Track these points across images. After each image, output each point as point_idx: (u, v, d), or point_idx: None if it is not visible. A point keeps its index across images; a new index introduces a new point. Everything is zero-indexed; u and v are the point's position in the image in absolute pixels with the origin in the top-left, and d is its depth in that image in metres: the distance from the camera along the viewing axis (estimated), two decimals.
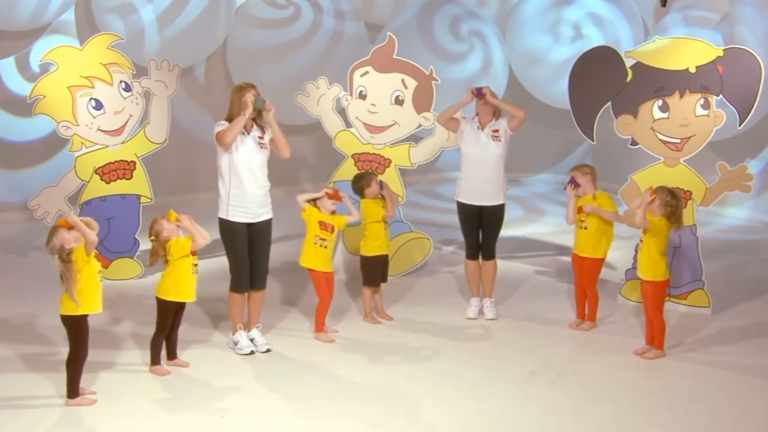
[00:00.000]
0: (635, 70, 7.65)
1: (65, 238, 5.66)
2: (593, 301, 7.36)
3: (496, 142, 7.36)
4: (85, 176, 8.14)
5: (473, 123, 7.46)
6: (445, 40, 11.50)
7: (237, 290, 6.78)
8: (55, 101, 7.99)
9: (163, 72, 8.32)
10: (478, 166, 7.42)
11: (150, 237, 6.33)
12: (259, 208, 6.69)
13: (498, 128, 7.39)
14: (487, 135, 7.39)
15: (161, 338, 6.41)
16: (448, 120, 7.58)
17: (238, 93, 6.63)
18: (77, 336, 5.80)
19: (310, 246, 7.01)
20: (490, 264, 7.60)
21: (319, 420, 5.78)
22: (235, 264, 6.75)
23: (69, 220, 5.68)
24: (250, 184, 6.61)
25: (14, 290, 8.05)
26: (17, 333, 7.08)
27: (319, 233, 6.97)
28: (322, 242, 6.98)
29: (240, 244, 6.69)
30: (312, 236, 6.99)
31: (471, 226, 7.56)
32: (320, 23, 11.17)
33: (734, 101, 7.38)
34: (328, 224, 6.98)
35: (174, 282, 6.32)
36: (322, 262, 7.04)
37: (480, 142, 7.40)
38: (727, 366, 6.68)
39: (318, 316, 7.10)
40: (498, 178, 7.42)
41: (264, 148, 6.67)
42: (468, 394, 6.17)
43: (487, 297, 7.65)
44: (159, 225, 6.30)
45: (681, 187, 7.47)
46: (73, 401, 5.84)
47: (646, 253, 6.66)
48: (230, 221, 6.64)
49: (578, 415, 5.89)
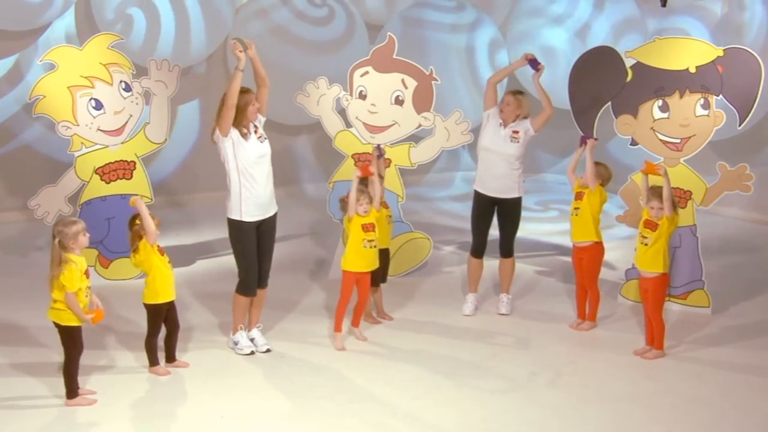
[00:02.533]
0: (635, 70, 7.66)
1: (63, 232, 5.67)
2: (594, 300, 7.36)
3: (514, 143, 7.40)
4: (85, 176, 8.13)
5: (497, 118, 7.47)
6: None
7: (245, 293, 6.74)
8: (55, 101, 7.98)
9: (163, 72, 8.32)
10: (492, 162, 7.45)
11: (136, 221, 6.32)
12: (269, 200, 6.67)
13: (518, 129, 7.42)
14: (507, 134, 7.41)
15: (154, 339, 6.40)
16: (494, 85, 7.60)
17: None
18: (70, 339, 5.78)
19: (358, 250, 6.90)
20: (509, 262, 7.65)
21: (319, 420, 5.78)
22: (244, 267, 6.70)
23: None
24: (260, 182, 6.57)
25: (14, 290, 8.05)
26: (17, 333, 7.08)
27: (365, 236, 6.91)
28: (370, 243, 6.94)
29: (250, 246, 6.65)
30: (359, 241, 6.90)
31: (483, 218, 7.57)
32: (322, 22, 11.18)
33: (734, 101, 7.38)
34: (369, 225, 6.94)
35: (152, 284, 6.31)
36: (368, 263, 6.97)
37: (498, 138, 7.42)
38: (727, 366, 6.68)
39: (336, 316, 7.04)
40: (513, 175, 7.46)
41: (265, 140, 6.66)
42: (468, 394, 6.17)
43: (504, 292, 7.70)
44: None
45: (681, 187, 7.48)
46: (72, 401, 5.84)
47: (654, 247, 6.65)
48: (243, 222, 6.59)
49: (578, 415, 5.89)
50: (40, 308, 7.27)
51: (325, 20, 11.31)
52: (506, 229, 7.59)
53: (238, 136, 6.52)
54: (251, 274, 6.70)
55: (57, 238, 5.69)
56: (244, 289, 6.73)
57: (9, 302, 7.74)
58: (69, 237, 5.69)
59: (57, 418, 5.73)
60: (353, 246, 6.91)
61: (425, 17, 11.64)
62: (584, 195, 7.19)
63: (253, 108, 6.56)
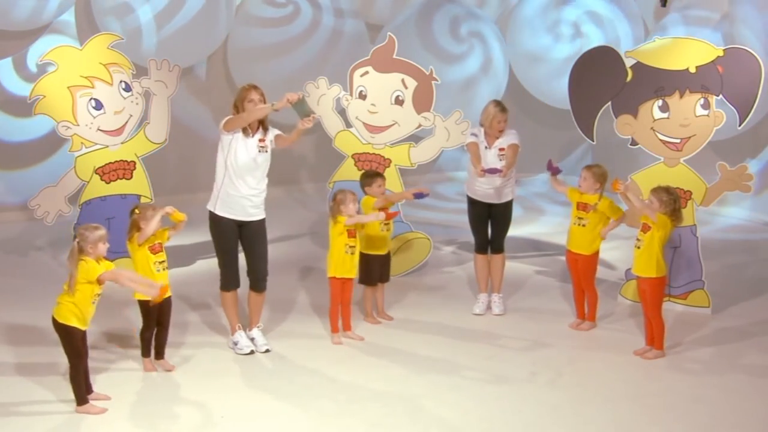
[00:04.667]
0: (635, 70, 7.65)
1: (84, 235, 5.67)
2: (592, 301, 7.36)
3: (503, 160, 7.42)
4: (85, 176, 8.13)
5: (482, 143, 7.49)
6: (445, 41, 11.50)
7: (226, 288, 6.78)
8: (55, 101, 7.98)
9: (163, 72, 8.32)
10: (484, 178, 7.50)
11: (135, 210, 6.31)
12: (252, 208, 6.66)
13: (503, 146, 7.44)
14: (494, 154, 7.44)
15: (146, 333, 6.39)
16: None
17: (242, 93, 6.62)
18: (69, 344, 5.74)
19: (340, 255, 6.90)
20: (499, 258, 7.67)
21: (319, 420, 5.78)
22: (221, 260, 6.74)
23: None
24: (243, 186, 6.57)
25: (14, 291, 8.05)
26: (17, 334, 7.08)
27: (348, 241, 6.91)
28: (351, 249, 6.94)
29: (227, 241, 6.67)
30: (342, 246, 6.89)
31: (480, 221, 7.65)
32: (320, 22, 11.17)
33: (734, 101, 7.38)
34: (353, 230, 6.93)
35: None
36: (350, 268, 6.98)
37: (487, 159, 7.46)
38: (727, 366, 6.68)
39: (331, 320, 7.07)
40: (505, 184, 7.51)
41: (264, 151, 6.65)
42: (468, 394, 6.17)
43: (495, 292, 7.71)
44: (150, 210, 6.30)
45: (681, 187, 7.48)
46: (81, 408, 5.78)
47: (646, 250, 6.65)
48: (217, 215, 6.63)
49: (578, 415, 5.89)
50: (40, 308, 7.29)
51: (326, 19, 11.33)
52: (498, 228, 7.65)
53: (241, 135, 6.53)
54: (229, 269, 6.72)
55: (77, 239, 5.68)
56: (224, 284, 6.77)
57: (9, 302, 7.74)
58: (89, 242, 5.64)
59: (58, 423, 5.71)
60: (336, 251, 6.92)
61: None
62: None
63: (251, 105, 6.54)
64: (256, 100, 6.56)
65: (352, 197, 6.91)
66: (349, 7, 11.59)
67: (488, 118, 7.44)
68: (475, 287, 7.92)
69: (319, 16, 11.27)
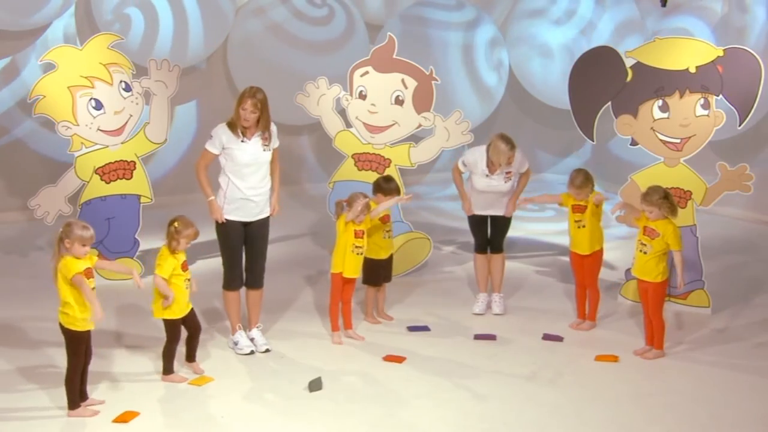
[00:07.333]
0: (635, 70, 7.65)
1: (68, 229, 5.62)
2: (594, 300, 7.36)
3: (508, 182, 7.52)
4: (85, 176, 8.13)
5: (481, 171, 7.51)
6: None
7: (229, 288, 6.80)
8: (55, 101, 7.98)
9: (163, 72, 8.32)
10: (486, 196, 7.57)
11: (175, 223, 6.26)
12: (256, 207, 6.69)
13: (511, 170, 7.50)
14: (500, 176, 7.50)
15: (171, 346, 6.30)
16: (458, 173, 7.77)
17: (239, 98, 6.59)
18: (74, 346, 5.72)
19: (347, 254, 6.89)
20: (498, 258, 7.70)
21: (318, 420, 5.78)
22: (227, 261, 6.76)
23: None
24: (248, 187, 6.61)
25: (14, 291, 8.05)
26: (18, 334, 7.08)
27: (355, 242, 6.91)
28: (358, 249, 6.94)
29: (234, 242, 6.70)
30: (349, 245, 6.89)
31: (479, 227, 7.74)
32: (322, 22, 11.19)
33: (734, 101, 7.38)
34: (361, 231, 6.93)
35: (159, 298, 6.23)
36: (354, 269, 6.98)
37: (492, 182, 7.52)
38: (727, 366, 6.68)
39: (331, 317, 7.07)
40: (505, 199, 7.58)
41: (268, 150, 6.67)
42: (468, 394, 6.17)
43: (495, 292, 7.72)
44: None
45: (681, 187, 7.48)
46: (73, 412, 5.75)
47: (654, 257, 6.63)
48: (225, 219, 6.67)
49: (578, 415, 5.89)
50: (40, 309, 7.31)
51: (325, 20, 11.31)
52: (497, 230, 7.70)
53: (235, 142, 6.56)
54: (233, 269, 6.75)
55: (61, 229, 5.63)
56: (226, 284, 6.79)
57: (9, 302, 7.73)
58: (70, 236, 5.59)
59: (59, 426, 5.72)
60: (342, 250, 6.92)
61: (426, 15, 11.61)
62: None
63: (245, 112, 6.51)
64: (249, 110, 6.52)
65: (363, 201, 6.87)
66: (349, 7, 11.57)
67: (499, 156, 7.37)
68: (475, 287, 7.92)
69: (322, 16, 11.26)
